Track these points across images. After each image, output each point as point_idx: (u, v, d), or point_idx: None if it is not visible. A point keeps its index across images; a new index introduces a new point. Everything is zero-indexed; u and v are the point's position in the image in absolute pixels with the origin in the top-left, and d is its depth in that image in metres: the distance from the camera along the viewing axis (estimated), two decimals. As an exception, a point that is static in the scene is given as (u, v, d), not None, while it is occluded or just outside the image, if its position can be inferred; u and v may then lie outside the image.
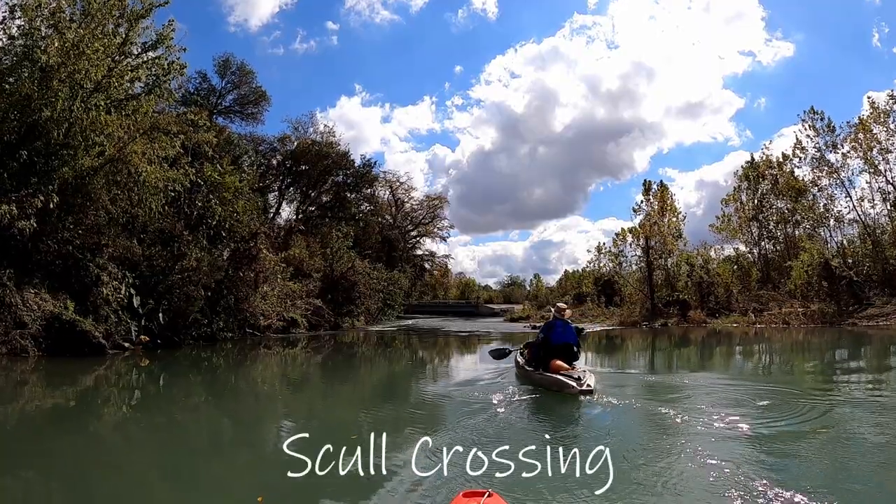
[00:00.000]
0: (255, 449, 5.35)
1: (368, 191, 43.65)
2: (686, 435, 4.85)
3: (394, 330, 27.22)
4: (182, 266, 13.82)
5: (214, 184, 15.45)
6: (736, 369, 11.60)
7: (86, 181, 12.48)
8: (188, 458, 4.92)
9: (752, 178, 33.53)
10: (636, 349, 17.43)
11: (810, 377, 10.20)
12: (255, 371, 12.06)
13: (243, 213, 16.03)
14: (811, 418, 5.64)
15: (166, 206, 14.48)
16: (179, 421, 6.78)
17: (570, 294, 50.44)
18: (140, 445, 5.43)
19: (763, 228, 33.35)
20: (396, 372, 12.33)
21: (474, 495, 2.73)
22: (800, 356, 14.36)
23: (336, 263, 27.63)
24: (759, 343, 17.34)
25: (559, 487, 3.48)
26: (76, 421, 6.63)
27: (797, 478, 3.69)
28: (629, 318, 29.17)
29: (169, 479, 4.30)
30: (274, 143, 38.09)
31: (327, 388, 9.95)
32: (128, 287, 12.77)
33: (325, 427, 6.14)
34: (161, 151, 14.02)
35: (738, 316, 25.21)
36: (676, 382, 8.66)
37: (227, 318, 15.63)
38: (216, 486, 4.14)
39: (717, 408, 5.98)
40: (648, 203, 33.25)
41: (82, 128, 12.21)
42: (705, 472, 3.79)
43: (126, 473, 4.37)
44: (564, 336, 7.74)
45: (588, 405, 6.24)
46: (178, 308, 13.50)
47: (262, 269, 16.55)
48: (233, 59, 33.24)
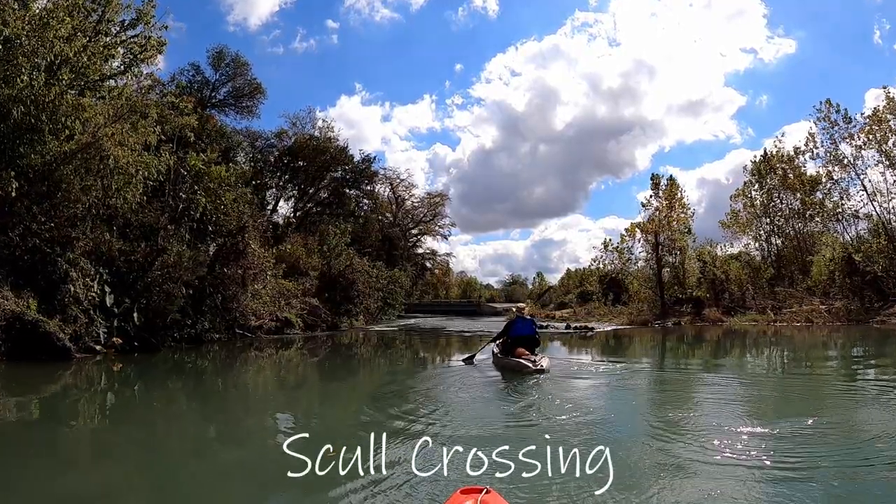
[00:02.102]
0: (240, 460, 4.90)
1: (368, 187, 42.44)
2: (693, 437, 4.77)
3: (394, 330, 26.09)
4: (163, 261, 12.63)
5: (199, 174, 14.27)
6: (780, 372, 10.44)
7: (55, 168, 11.33)
8: (164, 472, 4.49)
9: (764, 173, 32.52)
10: (651, 348, 16.25)
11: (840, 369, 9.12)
12: (241, 375, 10.89)
13: (231, 206, 14.80)
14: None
15: (146, 197, 13.34)
16: (152, 431, 6.01)
17: (573, 293, 49.55)
18: (109, 459, 4.95)
19: (773, 224, 32.35)
20: (395, 375, 11.17)
21: (472, 492, 2.70)
22: (836, 355, 13.18)
23: (334, 261, 26.47)
24: (788, 343, 16.06)
25: (559, 487, 3.49)
26: (27, 434, 5.69)
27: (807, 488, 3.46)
28: (639, 317, 28.00)
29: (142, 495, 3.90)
30: (271, 138, 36.90)
31: (321, 391, 8.82)
32: (101, 284, 11.61)
33: (321, 429, 5.91)
34: (141, 138, 12.91)
35: (756, 314, 24.00)
36: (693, 383, 8.38)
37: (213, 318, 14.44)
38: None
39: (739, 417, 5.68)
40: (657, 198, 32.21)
41: (51, 109, 11.09)
42: (707, 473, 3.79)
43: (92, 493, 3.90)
44: (524, 329, 9.56)
45: (592, 405, 6.46)
46: (158, 307, 12.32)
47: (251, 265, 15.35)
48: (227, 51, 32.01)
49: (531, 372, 8.18)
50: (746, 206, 32.82)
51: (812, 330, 19.21)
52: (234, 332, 16.03)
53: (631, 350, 16.16)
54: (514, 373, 8.52)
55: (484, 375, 8.94)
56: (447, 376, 9.72)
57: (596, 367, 10.69)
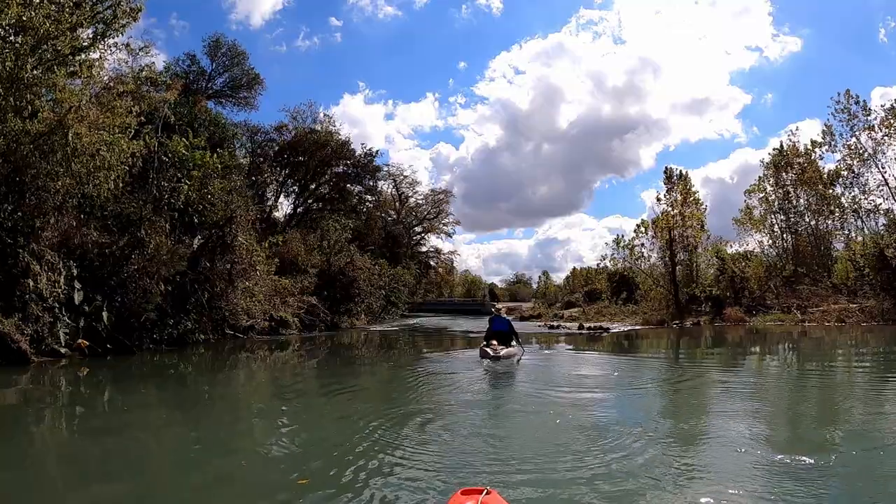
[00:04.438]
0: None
1: (371, 182, 41.08)
2: (700, 440, 4.67)
3: (397, 330, 24.85)
4: (140, 255, 11.39)
5: (182, 159, 13.01)
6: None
7: (16, 150, 10.12)
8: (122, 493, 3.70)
9: (780, 167, 31.17)
10: (673, 352, 14.90)
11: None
12: (224, 382, 9.56)
13: (218, 196, 13.51)
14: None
15: (128, 186, 12.11)
16: (110, 447, 4.94)
17: (579, 292, 48.21)
18: (57, 481, 4.10)
19: (788, 220, 30.99)
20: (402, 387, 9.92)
21: (472, 493, 2.65)
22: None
23: (334, 257, 25.25)
24: (839, 346, 14.26)
25: (559, 486, 3.42)
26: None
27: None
28: (654, 317, 26.65)
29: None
30: (270, 132, 35.59)
31: (313, 402, 7.56)
32: (69, 279, 10.40)
33: (316, 436, 5.36)
34: (117, 118, 11.69)
35: (781, 314, 22.61)
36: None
37: (198, 318, 13.19)
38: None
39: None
40: (671, 192, 30.88)
41: (10, 84, 9.88)
42: (710, 473, 3.68)
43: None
44: (499, 326, 11.76)
45: (598, 408, 6.30)
46: (133, 306, 11.09)
47: (239, 259, 14.08)
48: (224, 40, 30.80)
49: (490, 358, 10.28)
50: (761, 201, 31.56)
51: (846, 330, 17.81)
52: (224, 332, 14.80)
53: (667, 354, 14.82)
54: (483, 357, 10.63)
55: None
56: (453, 377, 8.82)
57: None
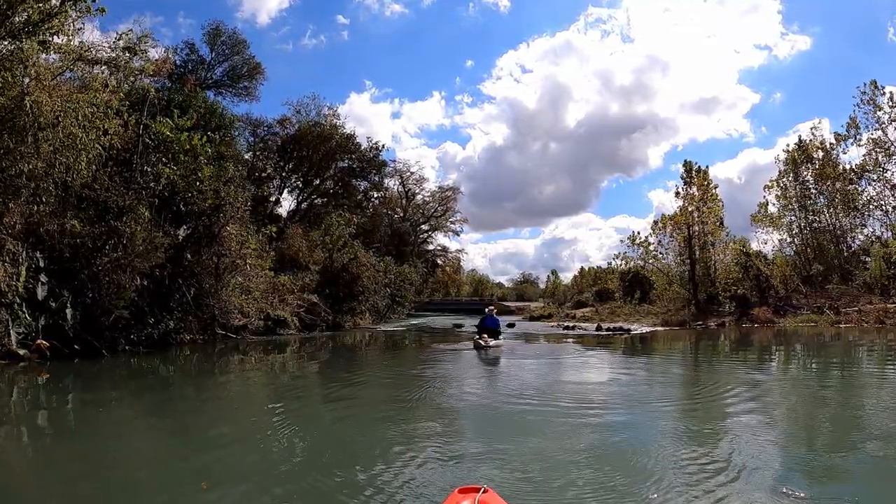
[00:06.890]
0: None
1: (377, 178, 39.84)
2: (704, 441, 4.43)
3: (403, 330, 23.59)
4: (114, 245, 10.19)
5: (166, 141, 11.82)
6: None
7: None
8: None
9: (800, 162, 29.68)
10: (707, 352, 13.53)
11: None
12: (204, 390, 8.35)
13: (208, 183, 12.28)
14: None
15: (102, 169, 10.96)
16: (61, 467, 4.11)
17: (587, 291, 46.83)
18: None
19: (808, 216, 29.50)
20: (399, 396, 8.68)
21: (469, 491, 2.62)
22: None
23: (336, 253, 24.03)
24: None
25: (558, 485, 3.40)
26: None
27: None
28: (674, 317, 25.24)
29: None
30: (273, 125, 34.47)
31: (305, 413, 6.33)
32: (32, 272, 9.24)
33: (308, 438, 4.99)
34: (92, 95, 10.55)
35: (813, 314, 21.15)
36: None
37: (183, 317, 12.00)
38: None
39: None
40: (689, 185, 29.50)
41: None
42: (711, 474, 3.56)
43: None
44: (489, 323, 14.06)
45: (603, 409, 6.00)
46: (104, 302, 9.90)
47: (227, 252, 12.84)
48: (223, 28, 29.74)
49: (481, 347, 12.08)
50: (779, 197, 30.09)
51: (889, 332, 16.35)
52: (214, 332, 13.60)
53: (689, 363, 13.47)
54: (476, 348, 12.35)
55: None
56: (457, 379, 8.02)
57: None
